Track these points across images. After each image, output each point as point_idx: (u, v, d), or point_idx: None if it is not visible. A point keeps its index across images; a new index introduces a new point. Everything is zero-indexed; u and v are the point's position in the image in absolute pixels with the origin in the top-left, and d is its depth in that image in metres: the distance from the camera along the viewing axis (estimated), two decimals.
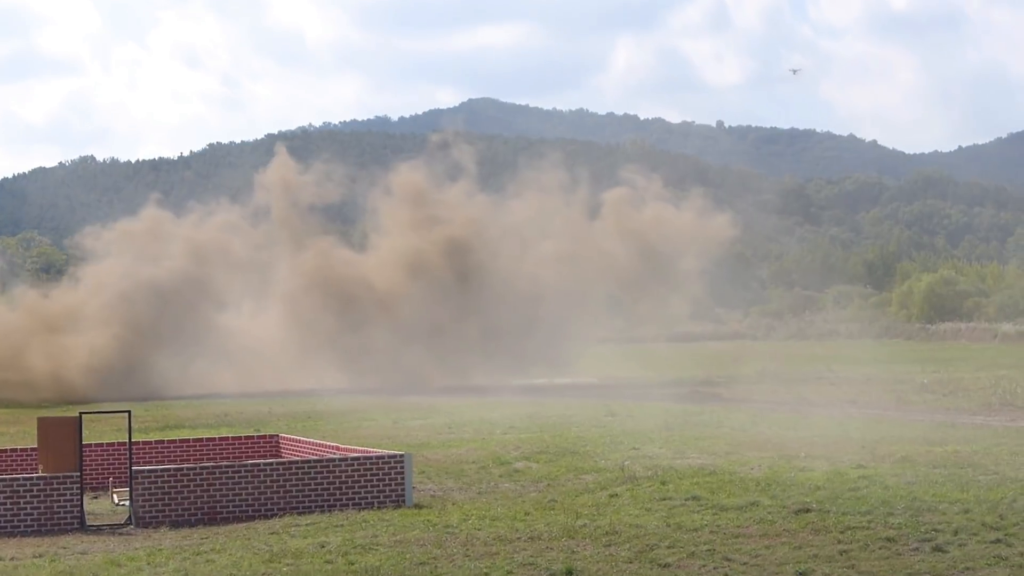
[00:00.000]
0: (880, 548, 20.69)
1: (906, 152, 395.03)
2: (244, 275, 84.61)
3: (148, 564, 20.99)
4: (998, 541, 20.88)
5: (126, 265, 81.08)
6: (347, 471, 26.17)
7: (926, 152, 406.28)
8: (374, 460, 26.48)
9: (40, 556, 22.07)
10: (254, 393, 69.73)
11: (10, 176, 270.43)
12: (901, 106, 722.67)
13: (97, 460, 31.14)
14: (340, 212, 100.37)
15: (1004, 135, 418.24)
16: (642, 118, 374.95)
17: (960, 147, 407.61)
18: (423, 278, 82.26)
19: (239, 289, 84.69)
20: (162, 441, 33.31)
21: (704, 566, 19.88)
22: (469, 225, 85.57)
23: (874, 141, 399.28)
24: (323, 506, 25.79)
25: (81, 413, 26.33)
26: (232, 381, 74.63)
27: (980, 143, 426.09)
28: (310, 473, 26.02)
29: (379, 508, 25.81)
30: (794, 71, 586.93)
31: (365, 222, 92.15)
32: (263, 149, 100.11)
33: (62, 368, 72.93)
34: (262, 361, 78.68)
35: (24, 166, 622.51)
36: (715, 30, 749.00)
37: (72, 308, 79.56)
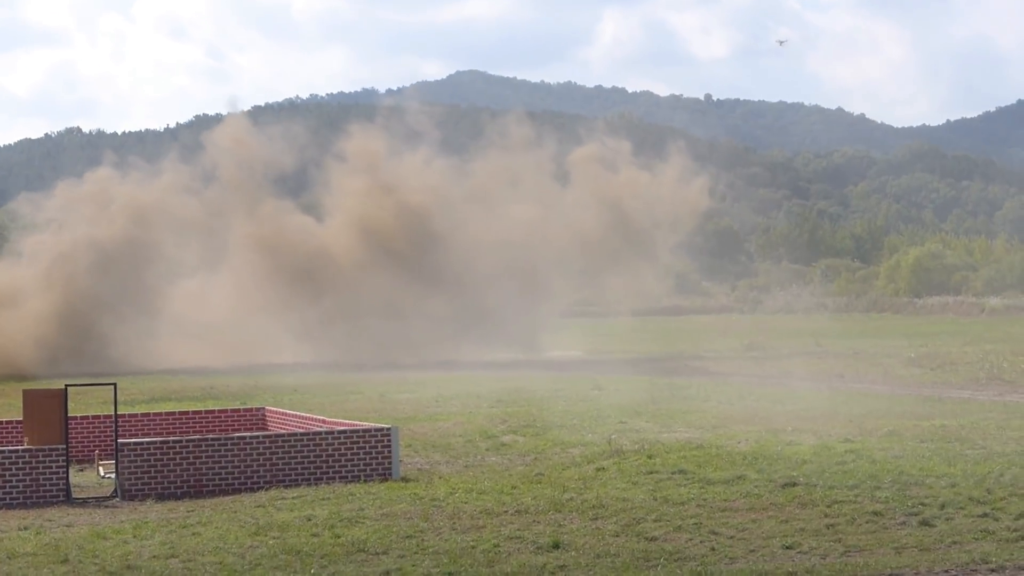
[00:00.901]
0: (867, 522, 20.68)
1: (894, 126, 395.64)
2: (195, 241, 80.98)
3: (134, 537, 20.94)
4: (985, 515, 20.87)
5: (67, 229, 77.73)
6: (334, 444, 26.13)
7: (914, 126, 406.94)
8: (361, 433, 26.43)
9: (25, 528, 22.00)
10: (207, 369, 66.40)
11: None
12: (889, 80, 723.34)
13: (83, 433, 31.07)
14: (301, 180, 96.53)
15: (992, 109, 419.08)
16: (630, 91, 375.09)
17: (948, 121, 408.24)
18: (379, 248, 79.37)
19: (191, 256, 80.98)
20: (148, 414, 33.23)
21: (691, 540, 19.86)
22: (427, 192, 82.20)
23: (862, 115, 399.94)
24: (309, 479, 25.74)
25: (67, 385, 26.26)
26: (187, 354, 70.60)
27: (968, 117, 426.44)
28: (296, 446, 25.97)
29: (366, 481, 25.77)
30: (780, 42, 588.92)
31: (318, 189, 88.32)
32: (250, 121, 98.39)
33: (9, 342, 69.49)
34: (216, 333, 74.73)
35: (10, 138, 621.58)
36: (701, 2, 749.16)
37: (15, 280, 75.81)
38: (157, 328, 73.86)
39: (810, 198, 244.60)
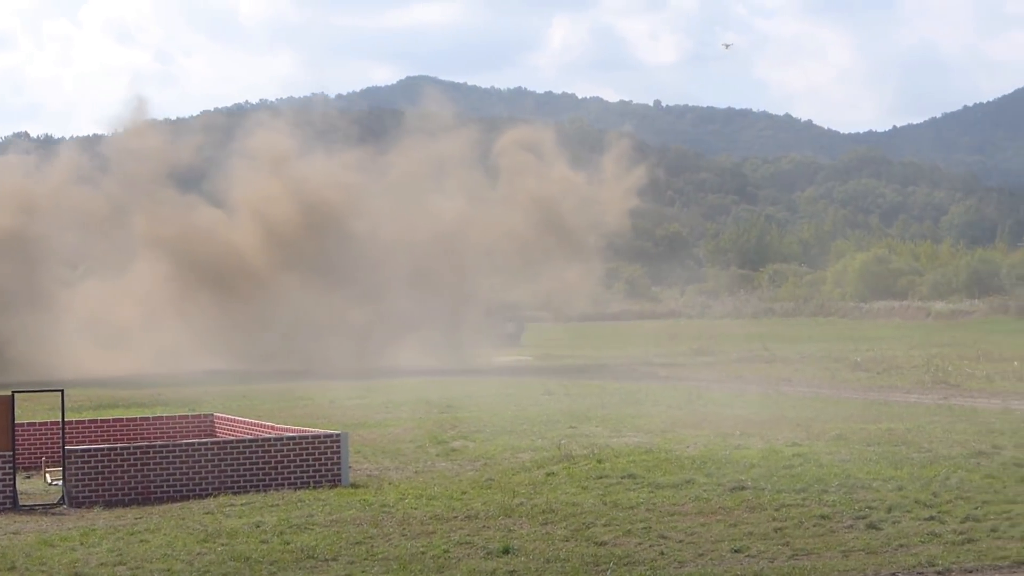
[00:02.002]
0: (814, 525, 20.79)
1: (841, 132, 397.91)
2: (93, 238, 76.17)
3: (81, 544, 20.84)
4: (931, 518, 21.02)
5: None
6: (283, 451, 26.06)
7: (861, 131, 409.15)
8: (310, 440, 26.38)
9: None
10: (108, 379, 61.65)
11: None
12: (835, 86, 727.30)
13: (30, 439, 30.88)
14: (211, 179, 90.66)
15: (938, 115, 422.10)
16: (580, 97, 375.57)
17: (895, 127, 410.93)
18: (288, 249, 75.04)
19: (90, 254, 77.40)
20: (95, 420, 33.07)
21: (640, 544, 19.92)
22: (338, 188, 77.80)
23: (809, 120, 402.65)
24: (258, 486, 25.67)
25: (14, 392, 26.10)
26: (87, 362, 65.96)
27: (914, 123, 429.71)
28: (245, 453, 25.89)
29: (315, 488, 25.72)
30: (727, 46, 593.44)
31: (223, 187, 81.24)
32: (198, 126, 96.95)
33: None
34: (120, 339, 70.88)
35: None
36: (649, 8, 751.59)
37: None
38: (53, 332, 69.25)
39: (758, 203, 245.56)
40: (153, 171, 78.23)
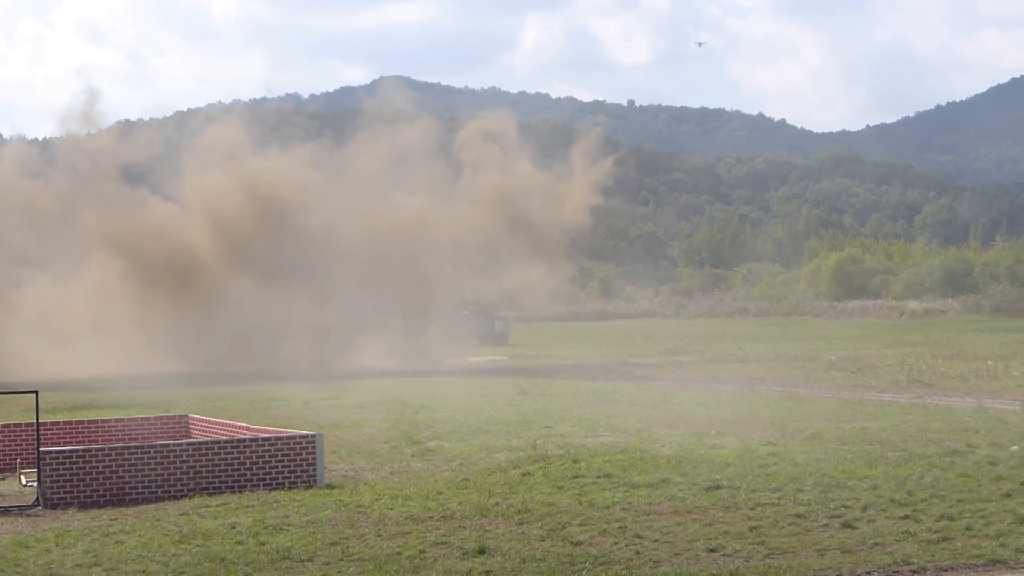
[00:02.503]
0: (790, 524, 20.83)
1: (814, 131, 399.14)
2: (43, 236, 73.63)
3: (57, 545, 20.79)
4: (906, 517, 21.08)
5: None
6: (258, 451, 26.01)
7: (834, 131, 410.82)
8: (285, 440, 26.34)
9: None
10: (58, 382, 58.59)
11: None
12: (809, 85, 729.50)
13: (4, 441, 30.81)
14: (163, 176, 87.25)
15: (911, 114, 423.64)
16: (554, 97, 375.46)
17: (868, 126, 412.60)
18: (241, 247, 72.34)
19: (40, 252, 73.89)
20: (70, 422, 32.95)
21: (616, 543, 19.93)
22: (293, 184, 75.14)
23: (783, 120, 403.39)
24: (233, 487, 25.62)
25: None
26: (39, 363, 63.68)
27: (887, 122, 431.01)
28: (220, 454, 25.83)
29: (290, 488, 25.68)
30: (699, 44, 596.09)
31: (176, 184, 77.68)
32: (172, 126, 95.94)
33: None
34: (70, 340, 68.77)
35: None
36: (622, 8, 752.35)
37: None
38: (1, 333, 67.36)
39: (732, 203, 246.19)
40: (104, 168, 76.38)
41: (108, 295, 72.05)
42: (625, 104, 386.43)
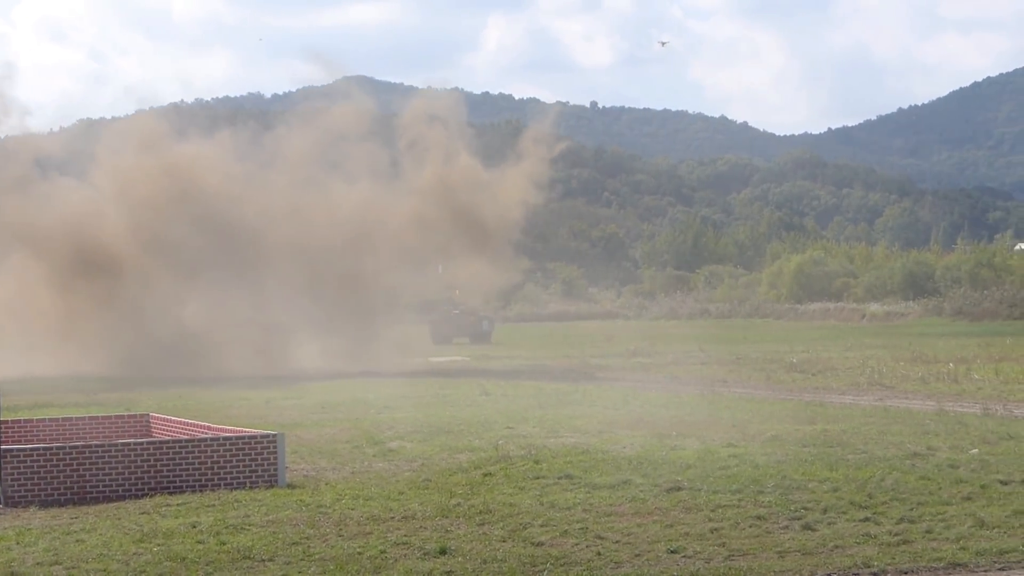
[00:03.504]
0: (750, 526, 20.89)
1: (776, 134, 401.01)
2: None
3: (17, 544, 20.72)
4: (867, 519, 21.16)
5: None
6: (219, 451, 25.95)
7: (796, 134, 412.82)
8: (246, 440, 26.29)
9: None
10: None
11: None
12: (770, 88, 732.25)
13: None
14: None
15: (873, 117, 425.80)
16: (516, 98, 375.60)
17: (830, 129, 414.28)
18: (167, 243, 68.78)
19: None
20: (31, 420, 32.84)
21: (577, 544, 19.96)
22: (222, 175, 71.78)
23: (745, 123, 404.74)
24: (195, 486, 25.56)
25: None
26: None
27: (849, 125, 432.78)
28: (181, 453, 25.77)
29: (251, 488, 25.63)
30: (663, 43, 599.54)
31: (98, 177, 73.90)
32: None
33: None
34: None
35: None
36: (585, 10, 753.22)
37: None
38: None
39: (694, 205, 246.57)
40: (22, 161, 74.32)
41: (28, 293, 69.45)
42: (588, 106, 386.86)
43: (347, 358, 66.40)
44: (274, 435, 26.54)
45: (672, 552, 19.36)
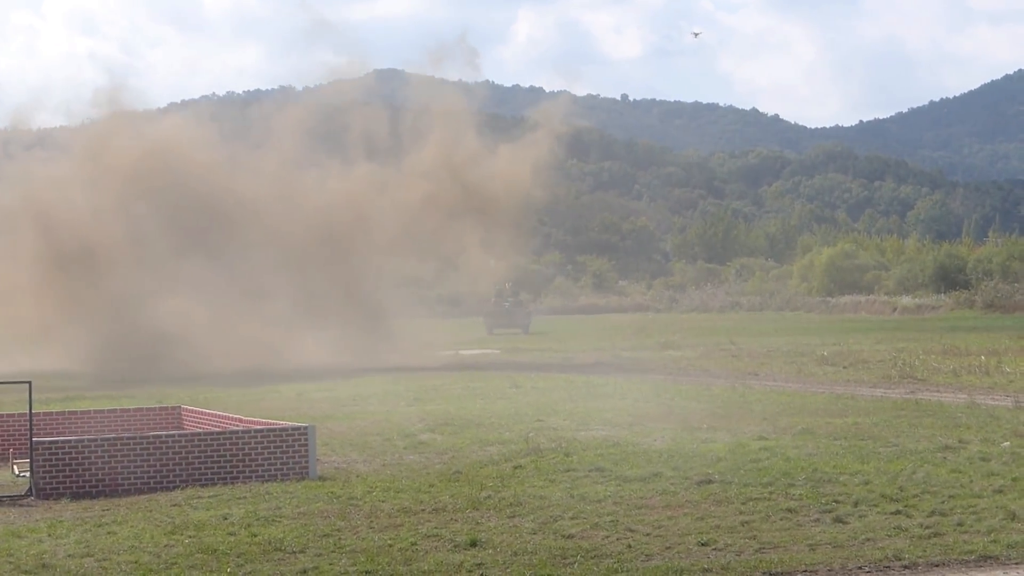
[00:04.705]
0: (781, 519, 20.85)
1: (808, 126, 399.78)
2: None
3: (49, 536, 20.79)
4: (898, 512, 21.10)
5: None
6: (250, 443, 26.01)
7: (827, 126, 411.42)
8: (277, 432, 26.34)
9: None
10: None
11: None
12: (801, 80, 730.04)
13: None
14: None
15: (904, 109, 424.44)
16: (548, 91, 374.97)
17: (861, 121, 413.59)
18: (134, 228, 65.19)
19: None
20: (63, 412, 32.96)
21: (607, 537, 19.95)
22: (212, 150, 68.67)
23: (776, 115, 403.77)
24: (226, 478, 25.62)
25: None
26: None
27: (880, 117, 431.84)
28: (212, 445, 25.83)
29: (282, 480, 25.69)
30: (696, 34, 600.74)
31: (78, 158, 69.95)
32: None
33: None
34: None
35: None
36: (614, 2, 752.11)
37: None
38: None
39: (725, 198, 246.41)
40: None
41: (8, 280, 65.94)
42: (619, 99, 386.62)
43: (358, 353, 64.15)
44: (305, 427, 26.58)
45: (703, 545, 19.33)
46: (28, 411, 26.91)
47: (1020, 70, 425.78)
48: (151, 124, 72.24)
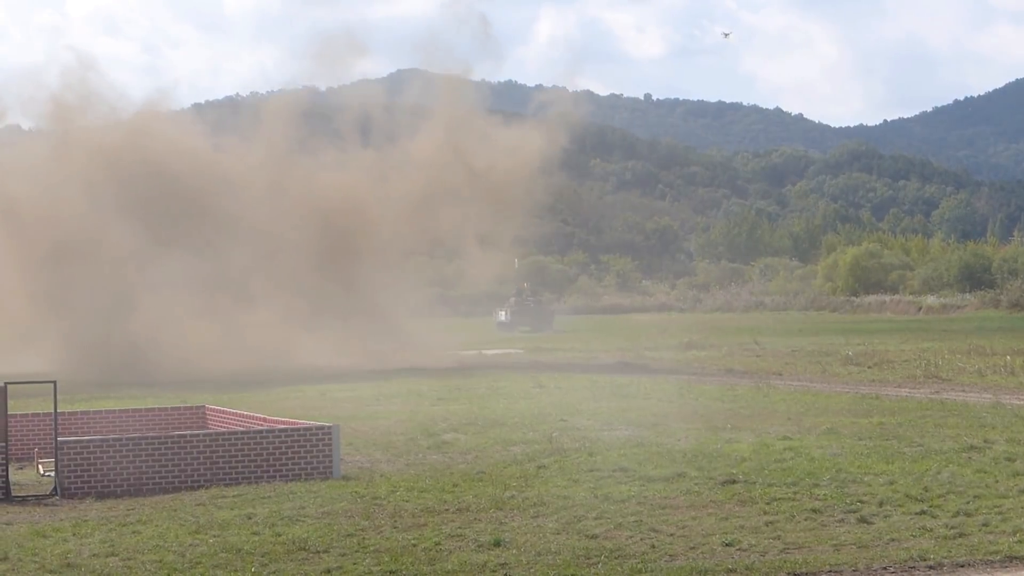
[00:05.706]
0: (806, 519, 20.80)
1: (832, 125, 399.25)
2: None
3: (74, 535, 20.83)
4: (923, 512, 21.04)
5: None
6: (274, 443, 26.04)
7: (851, 125, 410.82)
8: (301, 431, 26.36)
9: None
10: None
11: None
12: (825, 79, 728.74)
13: (22, 430, 30.85)
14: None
15: (929, 109, 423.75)
16: (571, 90, 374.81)
17: (885, 121, 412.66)
18: (145, 226, 62.47)
19: None
20: (88, 412, 33.04)
21: (631, 537, 19.92)
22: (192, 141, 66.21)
23: (800, 115, 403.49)
24: (250, 478, 25.65)
25: (6, 383, 26.04)
26: None
27: (905, 117, 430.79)
28: (237, 444, 25.86)
29: (306, 480, 25.71)
30: (726, 34, 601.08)
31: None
32: (188, 120, 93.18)
33: None
34: None
35: None
36: (636, 1, 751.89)
37: None
38: None
39: (749, 197, 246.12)
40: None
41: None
42: (642, 98, 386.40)
43: (357, 355, 62.19)
44: (329, 427, 26.60)
45: (727, 545, 19.29)
46: (53, 411, 26.96)
47: None
48: (127, 109, 70.44)
